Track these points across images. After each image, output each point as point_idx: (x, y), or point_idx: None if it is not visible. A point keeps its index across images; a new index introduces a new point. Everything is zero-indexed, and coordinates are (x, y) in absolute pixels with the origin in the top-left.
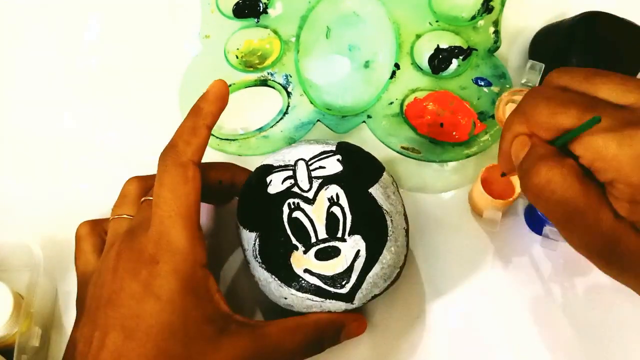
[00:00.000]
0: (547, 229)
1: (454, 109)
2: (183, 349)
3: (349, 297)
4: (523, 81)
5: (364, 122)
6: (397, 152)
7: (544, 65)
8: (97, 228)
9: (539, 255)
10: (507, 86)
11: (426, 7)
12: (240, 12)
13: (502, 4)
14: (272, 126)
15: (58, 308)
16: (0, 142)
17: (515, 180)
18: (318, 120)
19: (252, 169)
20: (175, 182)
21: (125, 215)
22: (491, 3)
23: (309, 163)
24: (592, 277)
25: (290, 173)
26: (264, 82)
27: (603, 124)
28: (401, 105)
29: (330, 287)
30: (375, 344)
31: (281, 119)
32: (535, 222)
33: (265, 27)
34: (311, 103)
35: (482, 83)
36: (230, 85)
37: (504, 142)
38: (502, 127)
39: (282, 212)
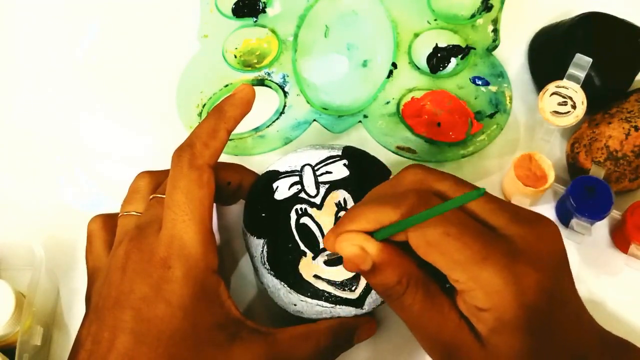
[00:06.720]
0: (573, 221)
1: (451, 108)
2: (194, 355)
3: (359, 302)
4: (567, 75)
5: (360, 122)
6: (393, 152)
7: (591, 60)
8: (109, 223)
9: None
10: (505, 85)
11: (425, 5)
12: (239, 11)
13: (502, 2)
14: (268, 126)
15: (60, 306)
16: (1, 142)
17: (549, 169)
18: (314, 120)
19: (249, 168)
20: (190, 185)
21: (134, 213)
22: (490, 1)
23: (316, 168)
24: (618, 271)
25: (297, 179)
26: (261, 82)
27: (482, 253)
28: (398, 104)
29: (340, 292)
30: (382, 345)
31: (277, 118)
32: (564, 214)
33: (264, 26)
34: (308, 103)
35: (480, 82)
36: (226, 86)
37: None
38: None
39: (289, 218)
